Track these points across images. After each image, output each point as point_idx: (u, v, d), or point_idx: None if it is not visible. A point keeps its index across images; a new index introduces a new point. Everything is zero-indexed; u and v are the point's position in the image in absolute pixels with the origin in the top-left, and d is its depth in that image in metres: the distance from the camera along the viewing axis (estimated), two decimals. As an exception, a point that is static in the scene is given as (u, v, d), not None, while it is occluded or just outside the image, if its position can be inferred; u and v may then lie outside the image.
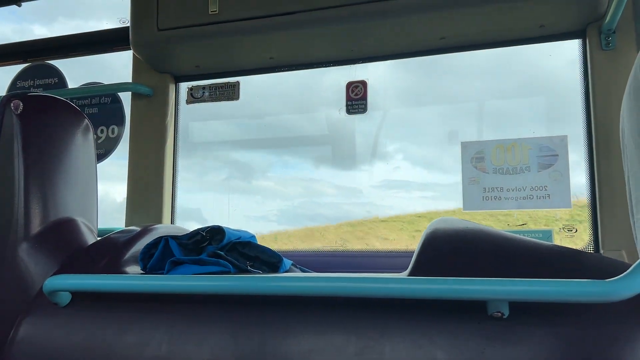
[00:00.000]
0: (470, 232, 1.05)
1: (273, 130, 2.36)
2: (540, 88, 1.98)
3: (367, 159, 2.19)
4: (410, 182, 2.17)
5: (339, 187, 2.26)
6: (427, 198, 2.15)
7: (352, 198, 2.22)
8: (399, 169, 2.17)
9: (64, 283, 1.09)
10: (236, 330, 0.99)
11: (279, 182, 2.38)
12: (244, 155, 2.44)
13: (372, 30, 1.80)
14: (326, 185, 2.29)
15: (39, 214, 1.30)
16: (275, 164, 2.40)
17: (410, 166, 2.20)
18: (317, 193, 2.31)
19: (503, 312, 0.84)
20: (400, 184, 2.15)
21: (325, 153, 2.28)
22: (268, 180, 2.39)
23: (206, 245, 1.29)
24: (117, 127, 2.38)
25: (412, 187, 2.16)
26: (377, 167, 2.17)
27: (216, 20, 1.85)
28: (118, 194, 2.35)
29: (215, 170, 2.43)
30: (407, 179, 2.16)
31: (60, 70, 2.58)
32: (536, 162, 1.78)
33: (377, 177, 2.17)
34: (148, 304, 1.09)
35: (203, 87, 2.21)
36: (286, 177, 2.38)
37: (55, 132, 1.39)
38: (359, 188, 2.19)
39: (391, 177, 2.15)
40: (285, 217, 2.34)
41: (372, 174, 2.18)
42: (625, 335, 0.82)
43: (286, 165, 2.38)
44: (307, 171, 2.31)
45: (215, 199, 2.39)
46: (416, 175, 2.18)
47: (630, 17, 1.66)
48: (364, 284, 0.89)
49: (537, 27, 1.75)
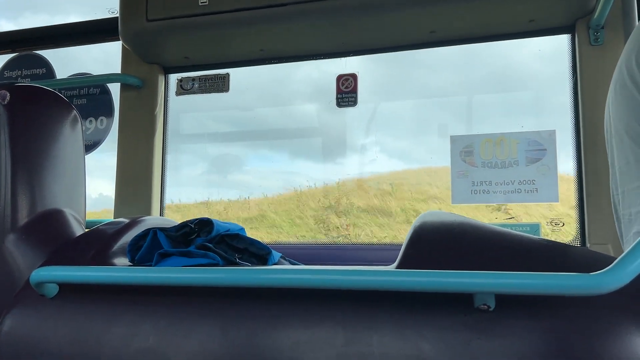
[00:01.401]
0: (458, 225, 1.06)
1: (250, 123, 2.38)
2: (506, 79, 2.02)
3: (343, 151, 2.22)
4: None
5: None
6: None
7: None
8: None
9: (51, 275, 1.08)
10: (224, 322, 0.99)
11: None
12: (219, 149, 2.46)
13: (363, 23, 1.80)
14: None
15: (27, 205, 1.29)
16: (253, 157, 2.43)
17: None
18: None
19: (489, 304, 0.85)
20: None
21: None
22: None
23: (195, 237, 1.29)
24: (106, 119, 2.37)
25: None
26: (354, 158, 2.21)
27: (206, 11, 1.84)
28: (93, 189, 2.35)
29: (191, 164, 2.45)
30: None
31: (48, 60, 2.56)
32: (524, 156, 1.79)
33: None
34: (136, 296, 1.09)
35: (193, 79, 2.20)
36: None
37: (43, 123, 1.37)
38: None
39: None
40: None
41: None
42: (610, 327, 0.83)
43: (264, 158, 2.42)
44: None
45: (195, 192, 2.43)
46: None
47: (619, 13, 1.67)
48: (351, 277, 0.89)
49: (527, 21, 1.76)
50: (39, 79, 2.54)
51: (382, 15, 1.74)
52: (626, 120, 0.94)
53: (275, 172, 2.69)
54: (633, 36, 0.96)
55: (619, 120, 0.96)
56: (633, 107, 0.92)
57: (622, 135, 0.94)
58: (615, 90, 0.98)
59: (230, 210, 3.14)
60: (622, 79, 0.95)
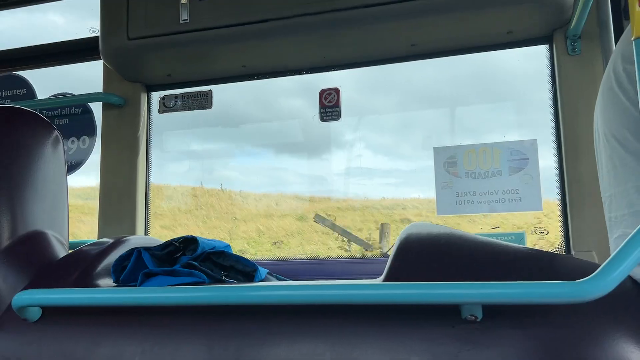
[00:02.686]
0: (444, 236, 1.06)
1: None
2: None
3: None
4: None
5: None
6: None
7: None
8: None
9: (33, 298, 1.06)
10: (211, 341, 0.98)
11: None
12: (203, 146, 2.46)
13: (344, 38, 1.81)
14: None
15: (8, 227, 1.28)
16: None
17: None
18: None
19: (477, 315, 0.85)
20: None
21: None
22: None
23: (180, 255, 1.28)
24: (89, 138, 2.35)
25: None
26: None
27: (187, 29, 1.84)
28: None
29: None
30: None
31: (29, 81, 2.54)
32: (507, 166, 1.81)
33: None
34: (121, 317, 1.07)
35: (175, 96, 2.20)
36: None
37: (23, 144, 1.36)
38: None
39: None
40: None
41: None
42: (595, 334, 0.84)
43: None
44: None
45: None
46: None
47: (595, 23, 1.70)
48: (338, 291, 0.89)
49: (505, 33, 1.78)
50: (19, 99, 2.52)
51: (362, 30, 1.76)
52: (613, 124, 0.95)
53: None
54: (620, 42, 0.97)
55: (606, 124, 0.98)
56: (620, 111, 0.93)
57: (610, 138, 0.96)
58: (603, 94, 1.00)
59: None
60: (609, 84, 0.97)
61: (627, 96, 0.91)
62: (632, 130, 0.91)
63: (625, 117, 0.92)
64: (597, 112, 1.04)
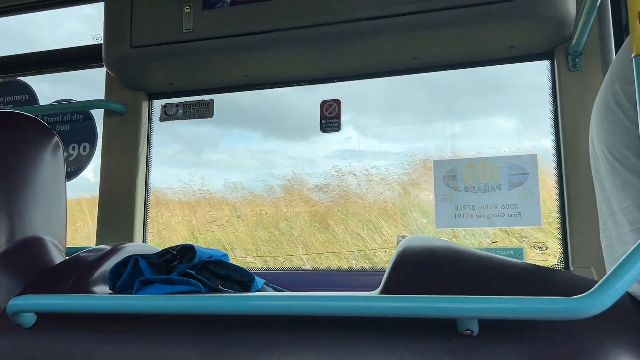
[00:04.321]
0: (442, 250, 1.06)
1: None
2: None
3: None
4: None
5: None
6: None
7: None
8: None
9: (28, 303, 1.06)
10: (206, 350, 0.98)
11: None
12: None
13: (345, 50, 1.82)
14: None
15: (5, 232, 1.27)
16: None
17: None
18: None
19: (473, 329, 0.85)
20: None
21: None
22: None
23: (177, 264, 1.27)
24: (89, 145, 2.35)
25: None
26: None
27: (190, 38, 1.85)
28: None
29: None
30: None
31: (31, 87, 2.55)
32: (507, 180, 1.81)
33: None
34: (116, 325, 1.07)
35: (177, 105, 2.20)
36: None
37: (23, 149, 1.36)
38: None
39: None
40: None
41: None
42: (592, 351, 0.83)
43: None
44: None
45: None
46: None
47: (596, 40, 1.70)
48: (334, 303, 0.89)
49: (507, 48, 1.79)
50: (21, 105, 2.52)
51: (364, 43, 1.77)
52: (612, 143, 0.95)
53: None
54: (616, 61, 0.98)
55: (604, 143, 0.98)
56: (619, 130, 0.93)
57: (609, 157, 0.96)
58: (600, 114, 1.00)
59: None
60: (606, 103, 0.97)
61: (627, 115, 0.92)
62: (632, 148, 0.91)
63: (625, 135, 0.92)
64: (592, 131, 1.05)
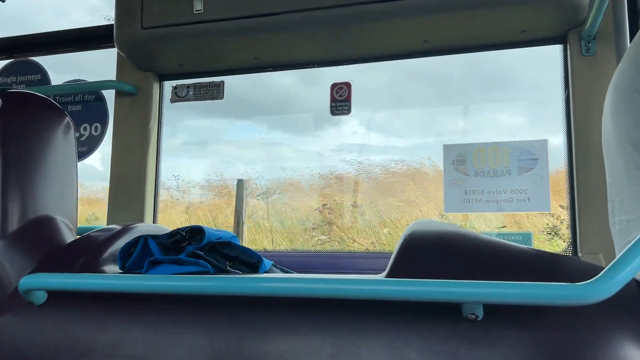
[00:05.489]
0: (449, 234, 1.06)
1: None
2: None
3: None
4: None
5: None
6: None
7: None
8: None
9: (39, 282, 1.08)
10: (213, 330, 0.99)
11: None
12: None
13: (357, 32, 1.81)
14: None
15: (17, 211, 1.29)
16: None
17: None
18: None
19: (477, 314, 0.85)
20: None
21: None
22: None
23: (186, 245, 1.28)
24: (101, 125, 2.37)
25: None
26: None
27: (201, 19, 1.85)
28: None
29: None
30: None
31: (44, 66, 2.56)
32: (516, 166, 1.80)
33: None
34: (125, 304, 1.08)
35: (187, 86, 2.21)
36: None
37: (35, 129, 1.37)
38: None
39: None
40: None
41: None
42: (598, 337, 0.83)
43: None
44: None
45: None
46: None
47: (610, 24, 1.68)
48: (340, 286, 0.89)
49: (519, 32, 1.77)
50: (33, 85, 2.54)
51: (375, 25, 1.75)
52: (627, 128, 0.95)
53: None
54: (633, 47, 0.97)
55: (619, 128, 0.97)
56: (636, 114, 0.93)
57: (623, 142, 0.95)
58: (615, 98, 0.99)
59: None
60: (622, 88, 0.96)
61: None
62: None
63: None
64: (606, 116, 1.04)
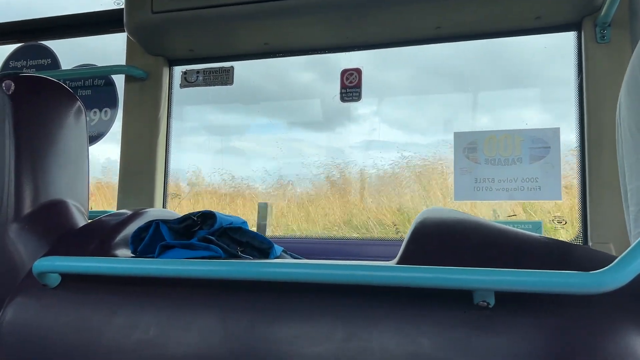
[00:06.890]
0: (459, 222, 1.06)
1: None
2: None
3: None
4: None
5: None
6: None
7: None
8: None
9: (53, 265, 1.09)
10: (225, 315, 1.00)
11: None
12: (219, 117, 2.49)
13: (368, 18, 1.79)
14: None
15: (30, 195, 1.30)
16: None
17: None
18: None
19: (489, 301, 0.85)
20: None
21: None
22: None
23: (197, 229, 1.29)
24: (111, 110, 2.37)
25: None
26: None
27: (211, 4, 1.84)
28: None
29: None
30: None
31: (54, 51, 2.56)
32: (528, 154, 1.79)
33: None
34: (137, 288, 1.09)
35: (197, 72, 2.20)
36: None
37: (47, 113, 1.38)
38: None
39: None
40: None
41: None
42: (609, 326, 0.83)
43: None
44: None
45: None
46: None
47: (626, 11, 1.66)
48: (351, 272, 0.90)
49: (533, 18, 1.75)
50: (44, 69, 2.54)
51: (387, 11, 1.74)
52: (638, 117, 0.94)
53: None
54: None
55: (631, 117, 0.97)
56: None
57: (634, 131, 0.95)
58: (628, 87, 0.98)
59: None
60: (634, 77, 0.95)
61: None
62: None
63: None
64: (620, 105, 1.03)
